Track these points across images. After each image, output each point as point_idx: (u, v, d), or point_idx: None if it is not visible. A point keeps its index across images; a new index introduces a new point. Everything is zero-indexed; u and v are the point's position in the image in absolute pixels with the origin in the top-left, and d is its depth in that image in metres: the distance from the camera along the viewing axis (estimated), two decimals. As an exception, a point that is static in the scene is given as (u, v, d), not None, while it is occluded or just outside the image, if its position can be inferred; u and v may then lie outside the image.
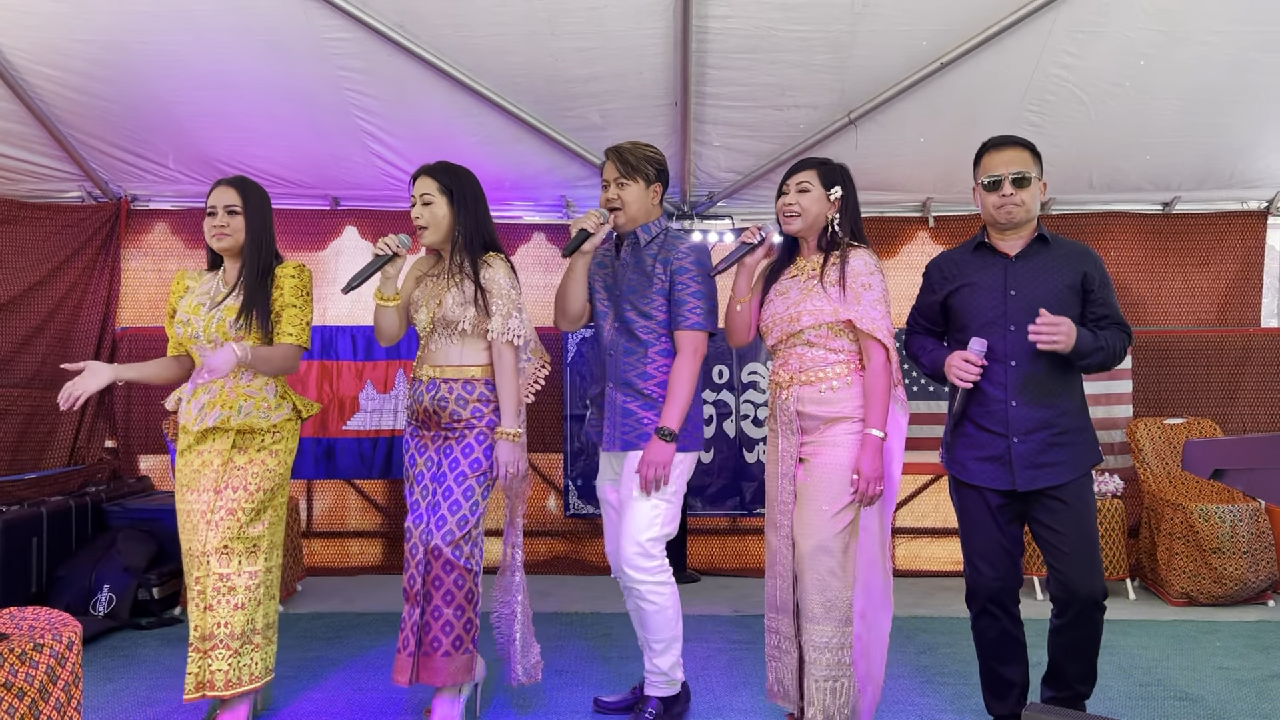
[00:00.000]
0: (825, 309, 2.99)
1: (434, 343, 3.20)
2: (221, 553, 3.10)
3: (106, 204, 5.67)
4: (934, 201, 5.81)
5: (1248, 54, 4.52)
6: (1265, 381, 5.74)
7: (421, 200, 3.18)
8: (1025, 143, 3.01)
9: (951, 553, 5.90)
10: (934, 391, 5.71)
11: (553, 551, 5.94)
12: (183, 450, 3.23)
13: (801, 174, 3.08)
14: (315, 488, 5.98)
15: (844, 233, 3.07)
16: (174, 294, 3.31)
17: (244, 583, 3.13)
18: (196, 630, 3.12)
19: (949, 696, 3.62)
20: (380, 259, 3.12)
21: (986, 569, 3.00)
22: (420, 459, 3.23)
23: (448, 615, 3.10)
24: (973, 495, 3.03)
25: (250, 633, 3.15)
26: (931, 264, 3.20)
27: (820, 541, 2.95)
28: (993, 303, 2.97)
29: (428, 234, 3.19)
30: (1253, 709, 3.51)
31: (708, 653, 4.14)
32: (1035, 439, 2.90)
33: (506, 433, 3.14)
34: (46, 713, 2.33)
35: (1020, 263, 2.98)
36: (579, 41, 4.44)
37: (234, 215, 3.20)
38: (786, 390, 3.06)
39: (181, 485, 3.21)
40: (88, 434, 5.50)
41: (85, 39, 4.47)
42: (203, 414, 3.14)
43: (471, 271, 3.15)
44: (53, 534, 4.59)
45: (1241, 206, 5.86)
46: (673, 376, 3.19)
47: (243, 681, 3.12)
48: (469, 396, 3.16)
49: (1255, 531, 4.95)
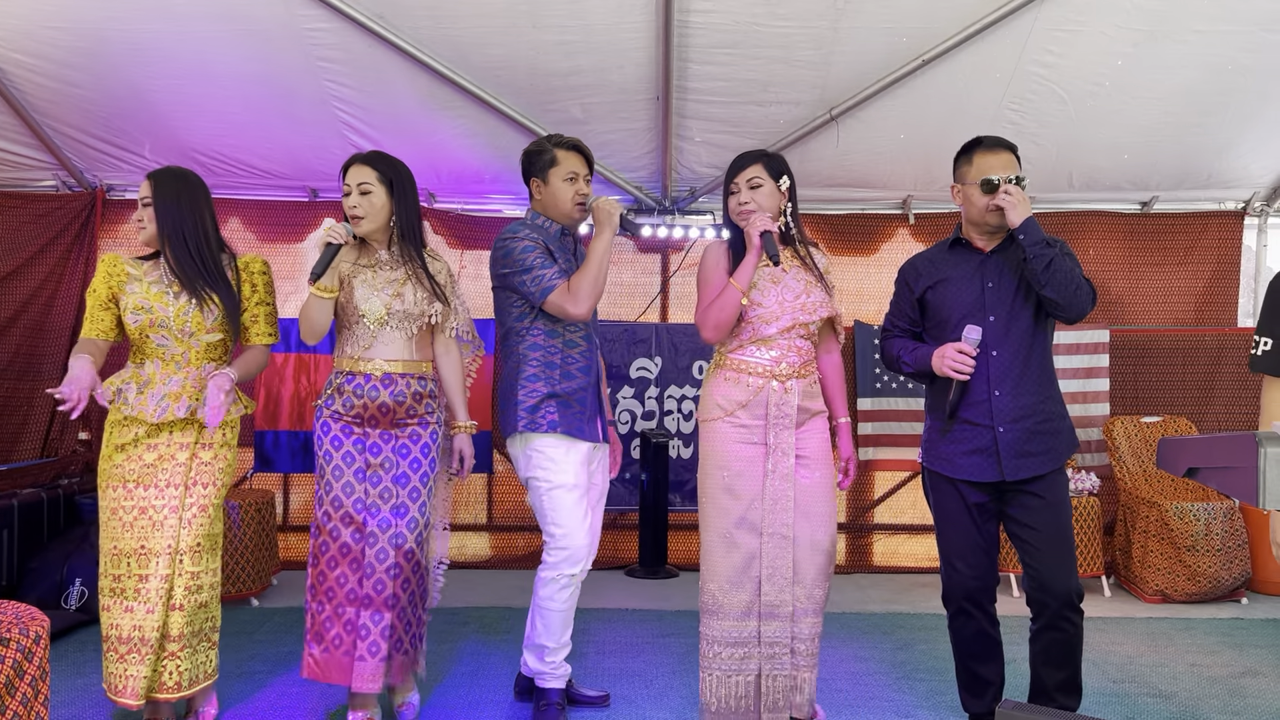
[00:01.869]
0: (825, 303, 3.09)
1: (384, 335, 3.10)
2: (194, 551, 3.02)
3: (82, 193, 5.61)
4: (914, 199, 5.82)
5: (1227, 54, 4.55)
6: (1240, 381, 5.78)
7: (359, 189, 3.05)
8: (1011, 145, 3.01)
9: (928, 549, 5.92)
10: (912, 389, 5.72)
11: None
12: (123, 444, 3.03)
13: (749, 170, 3.05)
14: (292, 481, 5.93)
15: (795, 221, 3.09)
16: (112, 279, 3.06)
17: (209, 580, 3.08)
18: (155, 632, 2.96)
19: (924, 693, 3.63)
20: (334, 246, 2.98)
21: (964, 568, 3.00)
22: (374, 459, 3.11)
23: (419, 614, 3.12)
24: (951, 493, 3.02)
25: (210, 630, 3.10)
26: (906, 265, 3.20)
27: (833, 536, 3.07)
28: (970, 295, 2.98)
29: (364, 224, 3.06)
30: (1225, 705, 3.54)
31: (686, 648, 4.13)
32: (1020, 427, 2.90)
33: (464, 426, 3.22)
34: (13, 708, 2.30)
35: (995, 257, 3.00)
36: (560, 34, 4.42)
37: (147, 207, 3.06)
38: (786, 383, 3.02)
39: (125, 479, 3.02)
40: (61, 426, 5.44)
41: (61, 26, 4.42)
42: (164, 404, 3.00)
43: (424, 266, 3.12)
44: (24, 526, 4.53)
45: (1219, 207, 5.91)
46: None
47: (199, 679, 3.08)
48: (423, 391, 3.14)
49: (1229, 529, 4.99)
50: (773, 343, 3.04)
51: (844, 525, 5.94)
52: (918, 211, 5.87)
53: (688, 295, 5.97)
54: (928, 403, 3.14)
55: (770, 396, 3.00)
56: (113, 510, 3.03)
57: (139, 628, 2.96)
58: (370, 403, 3.08)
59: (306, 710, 3.38)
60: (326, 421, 3.13)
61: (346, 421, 3.11)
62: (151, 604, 2.96)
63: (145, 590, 2.97)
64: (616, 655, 4.03)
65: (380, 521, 3.07)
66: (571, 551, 3.18)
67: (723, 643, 2.98)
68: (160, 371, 3.05)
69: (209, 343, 3.09)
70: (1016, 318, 2.93)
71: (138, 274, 3.09)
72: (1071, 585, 2.87)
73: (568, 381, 3.24)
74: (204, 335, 3.07)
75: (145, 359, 3.08)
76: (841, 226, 5.90)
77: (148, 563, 2.98)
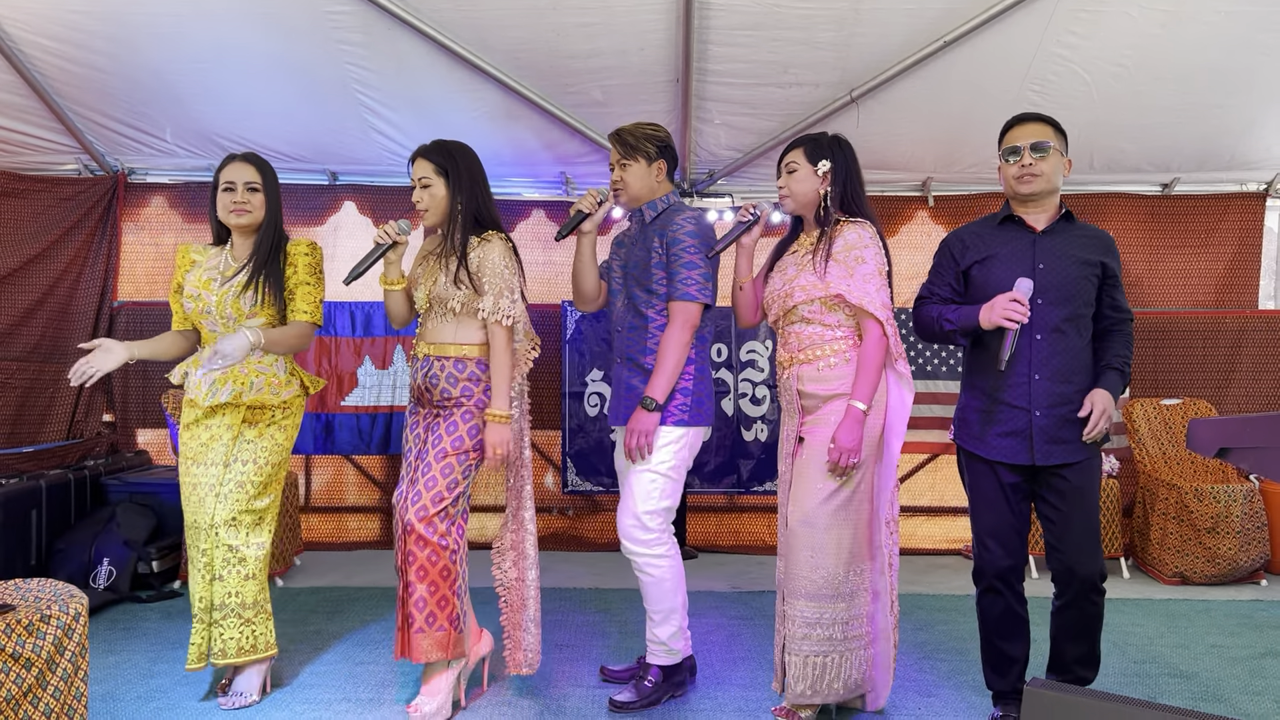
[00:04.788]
0: (816, 284, 3.01)
1: (430, 320, 3.22)
2: (230, 525, 3.16)
3: (104, 177, 5.64)
4: (934, 181, 5.80)
5: (1249, 35, 4.52)
6: (1261, 363, 5.77)
7: (420, 184, 3.19)
8: (1047, 118, 2.99)
9: (947, 531, 5.94)
10: (931, 371, 5.73)
11: (551, 528, 5.95)
12: (189, 424, 3.24)
13: (789, 155, 3.11)
14: (314, 463, 5.98)
15: (835, 205, 3.06)
16: (180, 268, 3.30)
17: (253, 554, 3.21)
18: (201, 601, 3.18)
19: (946, 672, 3.65)
20: (380, 247, 3.14)
21: (995, 546, 3.01)
22: (411, 435, 3.27)
23: (421, 592, 3.07)
24: (985, 473, 3.01)
25: (262, 601, 3.24)
26: (951, 237, 3.15)
27: (806, 516, 2.97)
28: (1019, 275, 2.92)
29: (428, 216, 3.21)
30: (1246, 686, 3.55)
31: (706, 628, 4.16)
32: (1055, 414, 2.90)
33: (495, 414, 3.11)
34: (54, 683, 2.34)
35: (1047, 238, 2.96)
36: (581, 17, 4.42)
37: (254, 192, 3.22)
38: (788, 370, 3.09)
39: (186, 458, 3.23)
40: (85, 408, 5.49)
41: (83, 10, 4.44)
42: (214, 389, 3.16)
43: (462, 250, 3.14)
44: (52, 507, 4.58)
45: (1240, 188, 5.87)
46: (661, 347, 3.18)
47: (257, 649, 3.23)
48: (459, 375, 3.15)
49: (1249, 512, 4.99)
50: (778, 330, 3.16)
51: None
52: (937, 193, 5.85)
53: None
54: (964, 379, 3.11)
55: (781, 383, 3.13)
56: (183, 485, 3.25)
57: (200, 598, 3.20)
58: (414, 383, 3.25)
59: (334, 690, 3.43)
60: (410, 401, 3.34)
61: (413, 402, 3.30)
62: (204, 575, 3.18)
63: (202, 562, 3.18)
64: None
65: (398, 494, 3.17)
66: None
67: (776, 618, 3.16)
68: None
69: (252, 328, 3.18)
70: (1064, 304, 2.91)
71: (201, 260, 3.29)
72: (1096, 568, 2.89)
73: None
74: (245, 320, 3.20)
75: (203, 344, 3.30)
76: (860, 209, 5.89)
77: (198, 536, 3.18)
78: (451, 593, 3.12)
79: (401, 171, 5.46)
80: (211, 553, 3.16)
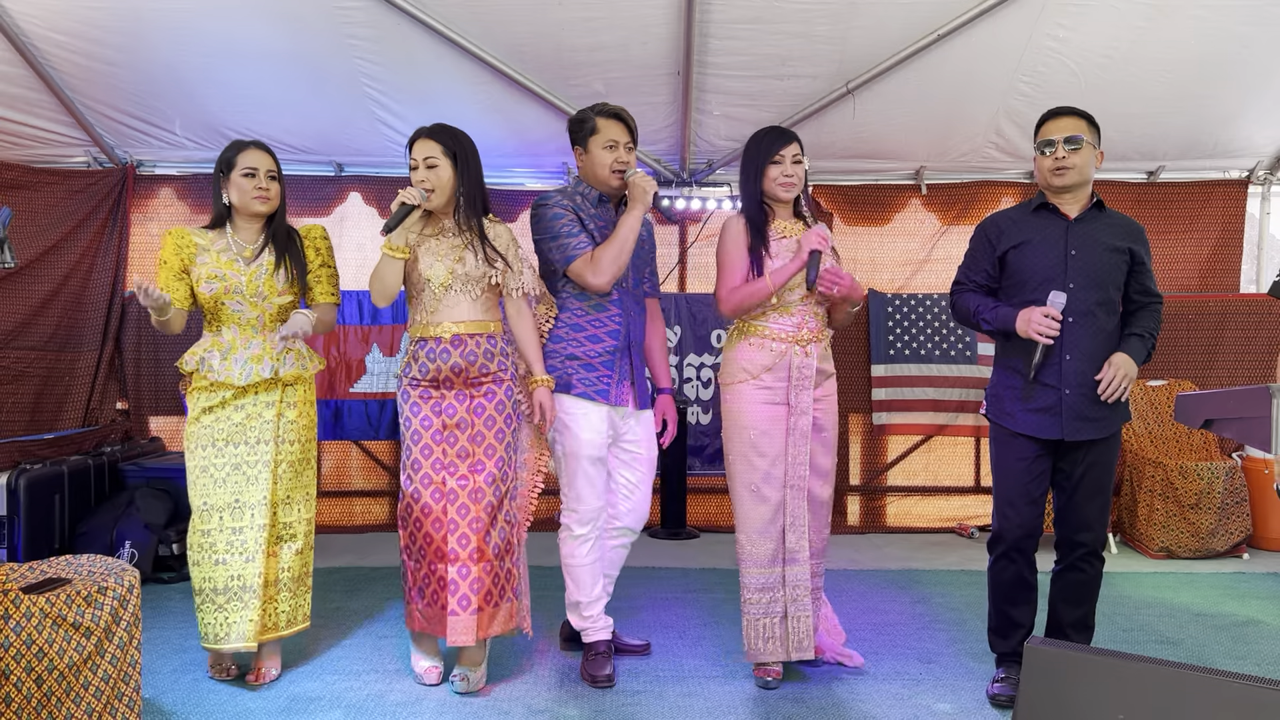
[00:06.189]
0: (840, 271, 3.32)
1: (450, 299, 3.21)
2: (285, 503, 3.31)
3: (113, 169, 5.73)
4: (927, 170, 5.95)
5: (1231, 28, 4.69)
6: (1243, 345, 5.95)
7: (425, 164, 3.18)
8: (1081, 112, 3.13)
9: (940, 510, 6.11)
10: (925, 355, 5.89)
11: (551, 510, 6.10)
12: (211, 407, 3.25)
13: (794, 145, 3.33)
14: (322, 448, 6.10)
15: (806, 197, 3.45)
16: (182, 250, 3.25)
17: (302, 529, 3.35)
18: (245, 579, 3.20)
19: (945, 640, 3.82)
20: (407, 206, 3.13)
21: (1013, 515, 3.14)
22: (449, 419, 3.21)
23: (507, 568, 3.23)
24: (1013, 446, 3.14)
25: (305, 575, 3.38)
26: (987, 221, 3.28)
27: (832, 489, 3.41)
28: (1053, 260, 3.07)
29: (434, 197, 3.18)
30: (1229, 651, 3.73)
31: (713, 603, 4.32)
32: (1084, 393, 3.04)
33: (541, 380, 3.27)
34: (111, 651, 2.48)
35: (1080, 225, 3.10)
36: (585, 10, 4.55)
37: (274, 180, 3.31)
38: (806, 347, 3.25)
39: (215, 440, 3.25)
40: (100, 396, 5.61)
41: (96, 5, 4.54)
42: (248, 368, 3.24)
43: (481, 230, 3.23)
44: (74, 491, 4.71)
45: (1223, 176, 6.05)
46: (661, 339, 3.65)
47: (296, 621, 3.35)
48: (494, 350, 3.25)
49: (1230, 488, 5.18)
50: (794, 310, 3.28)
51: (859, 488, 6.14)
52: (930, 182, 6.00)
53: (705, 265, 6.12)
54: (998, 359, 3.24)
55: (793, 360, 3.24)
56: (202, 469, 3.26)
57: (238, 577, 3.20)
58: (443, 365, 3.20)
59: (362, 662, 3.57)
60: (406, 389, 3.28)
61: (424, 386, 3.24)
62: (250, 553, 3.21)
63: (241, 542, 3.22)
64: (649, 610, 4.22)
65: (459, 479, 3.20)
66: (580, 513, 3.39)
67: (753, 588, 3.27)
68: (240, 337, 3.28)
69: (281, 305, 3.30)
70: (1095, 288, 3.05)
71: (205, 244, 3.29)
72: (1100, 536, 3.13)
73: (593, 345, 3.37)
74: (276, 298, 3.29)
75: (222, 326, 3.29)
76: (855, 197, 6.03)
77: (243, 515, 3.23)
78: (515, 566, 3.31)
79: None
80: (269, 529, 3.23)
